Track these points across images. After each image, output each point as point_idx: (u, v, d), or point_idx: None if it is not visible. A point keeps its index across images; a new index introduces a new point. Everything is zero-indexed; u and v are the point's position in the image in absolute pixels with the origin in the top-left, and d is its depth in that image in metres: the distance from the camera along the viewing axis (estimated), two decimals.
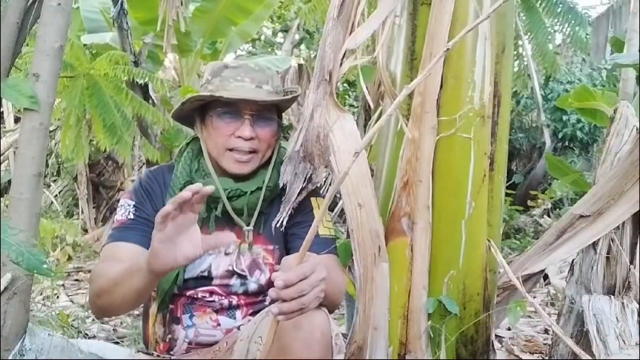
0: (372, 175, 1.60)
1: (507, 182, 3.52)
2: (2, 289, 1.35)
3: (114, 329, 2.84)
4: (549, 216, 6.18)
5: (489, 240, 1.64)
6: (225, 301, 1.49)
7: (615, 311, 1.72)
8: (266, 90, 1.47)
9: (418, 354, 1.55)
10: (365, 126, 4.30)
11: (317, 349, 1.20)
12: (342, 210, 1.66)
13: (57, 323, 2.51)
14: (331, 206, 1.19)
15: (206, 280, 1.48)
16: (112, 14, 3.82)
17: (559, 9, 4.23)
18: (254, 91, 1.45)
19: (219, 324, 1.48)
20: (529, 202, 6.33)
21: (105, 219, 6.01)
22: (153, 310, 1.52)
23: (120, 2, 3.73)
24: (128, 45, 3.90)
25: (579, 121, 6.99)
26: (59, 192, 6.59)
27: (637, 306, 1.75)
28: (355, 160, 1.02)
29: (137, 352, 1.63)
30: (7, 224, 1.15)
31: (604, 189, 1.73)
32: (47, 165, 5.97)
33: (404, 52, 1.74)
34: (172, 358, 1.50)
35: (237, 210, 1.47)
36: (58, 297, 3.42)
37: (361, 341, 1.55)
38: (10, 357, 1.36)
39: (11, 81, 1.46)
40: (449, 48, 1.09)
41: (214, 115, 1.47)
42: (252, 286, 1.50)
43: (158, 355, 1.51)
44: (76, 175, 6.20)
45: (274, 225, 1.47)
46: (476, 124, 1.58)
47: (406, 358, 1.56)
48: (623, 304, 1.74)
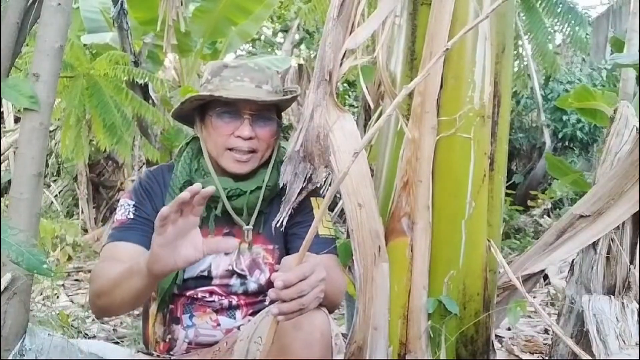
0: (372, 175, 1.60)
1: (507, 182, 3.52)
2: (2, 289, 1.35)
3: (114, 329, 2.84)
4: (549, 216, 6.18)
5: (489, 240, 1.64)
6: (225, 301, 1.49)
7: (615, 311, 1.72)
8: (266, 90, 1.47)
9: (418, 354, 1.55)
10: (365, 126, 4.30)
11: (317, 349, 1.20)
12: (342, 210, 1.66)
13: (57, 323, 2.51)
14: (331, 206, 1.19)
15: (206, 280, 1.48)
16: (112, 14, 3.82)
17: (559, 9, 4.24)
18: (253, 91, 1.45)
19: (218, 324, 1.48)
20: (529, 202, 6.33)
21: (105, 219, 6.01)
22: (153, 310, 1.52)
23: (120, 2, 3.73)
24: (128, 45, 3.90)
25: (579, 121, 6.99)
26: (59, 192, 6.59)
27: (637, 306, 1.75)
28: (355, 160, 1.02)
29: (137, 352, 1.63)
30: (7, 224, 1.15)
31: (604, 189, 1.73)
32: (47, 165, 5.97)
33: (404, 52, 1.74)
34: (172, 358, 1.50)
35: (236, 210, 1.47)
36: (58, 297, 3.42)
37: (361, 341, 1.55)
38: (10, 357, 1.36)
39: (11, 81, 1.46)
40: (448, 48, 1.09)
41: (213, 115, 1.47)
42: (252, 286, 1.50)
43: (158, 355, 1.51)
44: (76, 175, 6.20)
45: (273, 225, 1.47)
46: (476, 124, 1.58)
47: (406, 358, 1.56)
48: (623, 304, 1.74)
